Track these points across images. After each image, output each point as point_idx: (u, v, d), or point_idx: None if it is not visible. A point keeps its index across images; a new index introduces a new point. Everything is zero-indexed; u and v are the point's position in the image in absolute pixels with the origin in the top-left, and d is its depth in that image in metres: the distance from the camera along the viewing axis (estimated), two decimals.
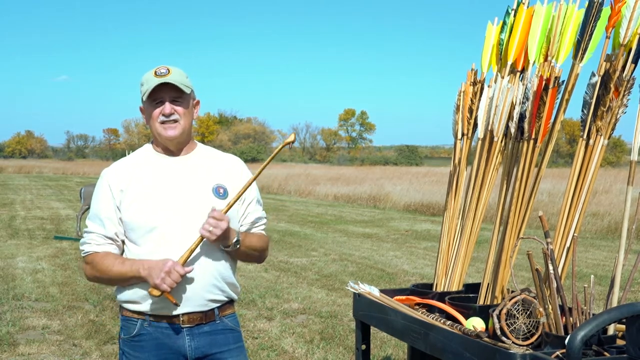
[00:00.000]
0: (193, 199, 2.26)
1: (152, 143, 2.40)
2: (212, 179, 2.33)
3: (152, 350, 2.26)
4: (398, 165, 60.58)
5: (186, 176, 2.30)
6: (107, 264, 2.23)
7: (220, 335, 2.32)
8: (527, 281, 7.29)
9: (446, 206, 3.11)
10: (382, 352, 5.22)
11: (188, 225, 2.22)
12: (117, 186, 2.26)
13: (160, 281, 2.12)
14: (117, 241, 2.28)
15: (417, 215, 17.66)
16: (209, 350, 2.30)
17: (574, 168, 2.59)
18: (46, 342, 5.43)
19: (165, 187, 2.27)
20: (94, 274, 2.30)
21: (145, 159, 2.35)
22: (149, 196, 2.25)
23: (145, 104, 2.30)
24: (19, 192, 25.98)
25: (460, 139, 3.09)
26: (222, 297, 2.33)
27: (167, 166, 2.32)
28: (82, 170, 48.15)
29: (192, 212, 2.24)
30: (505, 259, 2.68)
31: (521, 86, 2.73)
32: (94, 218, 2.29)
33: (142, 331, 2.26)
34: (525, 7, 2.87)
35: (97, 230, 2.28)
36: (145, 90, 2.25)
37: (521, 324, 2.22)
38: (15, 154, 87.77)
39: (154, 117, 2.27)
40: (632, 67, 2.48)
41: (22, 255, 9.97)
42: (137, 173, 2.29)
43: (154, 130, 2.30)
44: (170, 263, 2.13)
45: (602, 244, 11.74)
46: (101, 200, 2.29)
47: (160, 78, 2.22)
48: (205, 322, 2.29)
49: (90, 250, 2.28)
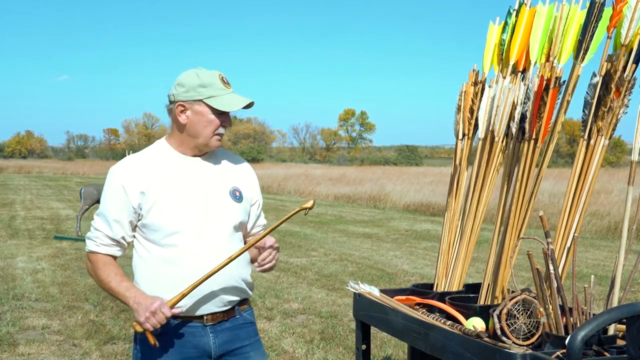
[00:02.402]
0: (213, 201, 2.26)
1: (166, 140, 2.34)
2: (228, 181, 2.33)
3: (176, 348, 2.23)
4: (398, 165, 60.61)
5: (205, 178, 2.29)
6: (106, 274, 2.21)
7: (241, 330, 2.34)
8: (528, 281, 7.29)
9: (447, 206, 3.11)
10: (382, 352, 5.22)
11: (208, 227, 2.22)
12: (135, 188, 2.19)
13: (144, 320, 2.09)
14: (122, 244, 2.26)
15: (417, 215, 17.66)
16: (231, 346, 2.31)
17: (574, 168, 2.59)
18: (46, 342, 5.43)
19: (187, 188, 2.24)
20: (92, 274, 2.29)
21: (162, 158, 2.28)
22: (172, 198, 2.21)
23: (205, 109, 2.22)
24: (19, 192, 25.98)
25: (461, 139, 3.09)
26: (240, 297, 2.35)
27: (186, 167, 2.28)
28: (82, 170, 48.15)
29: (212, 214, 2.24)
30: (505, 259, 2.68)
31: (522, 86, 2.73)
32: (102, 217, 2.24)
33: (165, 330, 2.21)
34: (528, 8, 2.87)
35: (103, 230, 2.23)
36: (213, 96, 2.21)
37: (521, 324, 2.22)
38: (15, 154, 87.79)
39: (214, 126, 2.23)
40: (633, 67, 2.48)
41: (22, 255, 9.97)
42: (157, 174, 2.23)
43: (204, 137, 2.24)
44: (157, 304, 2.09)
45: (602, 244, 11.74)
46: (111, 202, 2.22)
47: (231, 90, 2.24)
48: (227, 319, 2.31)
49: (94, 250, 2.25)
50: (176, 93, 2.25)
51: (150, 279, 2.23)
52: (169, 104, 2.29)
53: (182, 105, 2.24)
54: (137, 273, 2.27)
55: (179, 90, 2.24)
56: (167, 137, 2.35)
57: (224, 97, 2.22)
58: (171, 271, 2.19)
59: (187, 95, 2.22)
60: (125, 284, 2.19)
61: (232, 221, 2.28)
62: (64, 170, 49.27)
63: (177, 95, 2.24)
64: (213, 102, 2.21)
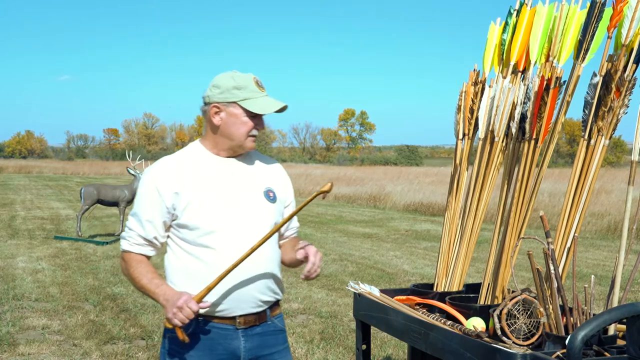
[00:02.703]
0: (247, 201, 2.27)
1: (200, 142, 2.35)
2: (262, 182, 2.34)
3: (206, 350, 2.23)
4: (398, 165, 60.62)
5: (239, 178, 2.30)
6: (138, 272, 2.23)
7: (271, 337, 2.34)
8: (528, 281, 7.29)
9: (447, 206, 3.11)
10: (382, 352, 5.22)
11: (243, 227, 2.23)
12: (169, 188, 2.21)
13: (172, 315, 2.10)
14: (155, 244, 2.28)
15: (417, 215, 17.66)
16: (260, 352, 2.30)
17: (575, 168, 2.59)
18: (46, 342, 5.43)
19: (221, 189, 2.25)
20: (125, 273, 2.31)
21: (196, 159, 2.29)
22: (206, 198, 2.22)
23: (239, 110, 2.24)
24: (19, 192, 25.98)
25: (461, 139, 3.09)
26: (273, 298, 2.34)
27: (220, 167, 2.29)
28: (82, 170, 48.14)
29: (246, 215, 2.24)
30: (505, 259, 2.68)
31: (522, 86, 2.73)
32: (136, 217, 2.26)
33: (197, 330, 2.22)
34: (528, 8, 2.87)
35: (136, 229, 2.25)
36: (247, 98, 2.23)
37: (522, 324, 2.22)
38: (15, 154, 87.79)
39: (248, 127, 2.25)
40: (633, 67, 2.48)
41: (22, 255, 9.96)
42: (191, 174, 2.24)
43: (238, 139, 2.26)
44: (184, 298, 2.09)
45: (602, 244, 11.74)
46: (145, 202, 2.24)
47: (265, 93, 2.26)
48: (258, 324, 2.30)
49: (127, 249, 2.27)
50: (211, 94, 2.27)
51: (183, 278, 2.23)
52: (204, 105, 2.31)
53: (217, 107, 2.26)
54: (170, 273, 2.28)
55: (214, 92, 2.26)
56: (201, 139, 2.36)
57: (258, 99, 2.25)
58: (205, 270, 2.19)
59: (221, 97, 2.25)
60: (156, 281, 2.20)
61: (266, 221, 2.28)
62: (64, 170, 49.27)
63: (212, 97, 2.26)
64: (247, 104, 2.23)
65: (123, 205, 12.08)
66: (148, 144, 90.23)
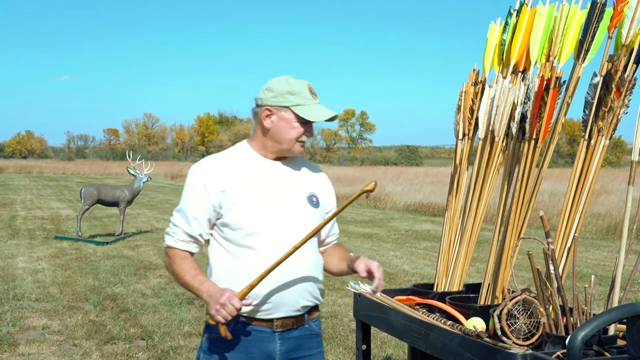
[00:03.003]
0: (291, 204, 2.28)
1: (248, 142, 2.37)
2: (306, 186, 2.35)
3: (243, 351, 2.25)
4: (398, 165, 60.61)
5: (284, 181, 2.31)
6: (182, 268, 2.24)
7: (306, 340, 2.35)
8: (528, 281, 7.29)
9: (447, 206, 3.11)
10: (382, 352, 5.22)
11: (286, 230, 2.24)
12: (216, 186, 2.22)
13: (214, 312, 2.11)
14: (199, 241, 2.29)
15: (418, 215, 17.66)
16: (294, 355, 2.31)
17: (575, 168, 2.59)
18: (46, 342, 5.43)
19: (266, 190, 2.26)
20: (169, 269, 2.33)
21: (243, 157, 2.31)
22: (252, 199, 2.23)
23: (290, 115, 2.26)
24: (19, 192, 25.98)
25: (461, 139, 3.09)
26: (312, 303, 2.35)
27: (266, 169, 2.30)
28: (82, 171, 48.13)
29: (290, 218, 2.26)
30: (505, 259, 2.68)
31: (522, 86, 2.73)
32: (182, 214, 2.28)
33: (235, 332, 2.23)
34: (528, 8, 2.87)
35: (182, 226, 2.27)
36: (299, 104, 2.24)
37: (522, 324, 2.22)
38: (15, 154, 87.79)
39: (298, 133, 2.26)
40: (633, 67, 2.48)
41: (23, 255, 9.96)
42: (237, 174, 2.26)
43: (287, 143, 2.27)
44: (227, 295, 2.09)
45: (602, 244, 11.74)
46: (192, 199, 2.26)
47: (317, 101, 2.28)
48: (296, 327, 2.31)
49: (172, 245, 2.29)
50: (264, 97, 2.28)
51: (224, 277, 2.24)
52: (256, 107, 2.32)
53: (269, 110, 2.27)
54: (212, 271, 2.29)
55: (267, 95, 2.28)
56: (248, 140, 2.37)
57: (310, 106, 2.26)
58: (246, 271, 2.20)
59: (274, 101, 2.26)
60: (200, 277, 2.21)
61: (309, 225, 2.27)
62: (64, 171, 49.26)
63: (264, 100, 2.28)
64: (299, 110, 2.25)
65: (123, 205, 12.07)
66: (148, 144, 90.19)
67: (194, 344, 5.43)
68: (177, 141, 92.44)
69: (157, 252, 10.39)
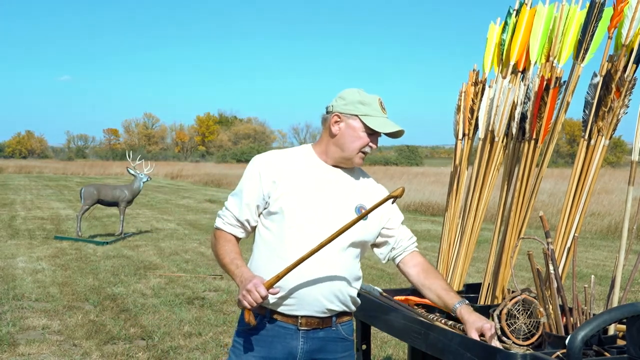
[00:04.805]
0: (337, 211, 2.30)
1: (312, 146, 2.42)
2: (357, 198, 2.37)
3: (266, 346, 2.30)
4: (398, 165, 60.62)
5: (336, 187, 2.34)
6: (224, 250, 2.33)
7: (331, 343, 2.35)
8: (528, 281, 7.29)
9: (447, 206, 3.11)
10: (382, 352, 5.22)
11: (323, 234, 2.24)
12: (269, 176, 2.30)
13: (241, 297, 2.17)
14: (246, 227, 2.36)
15: (417, 215, 17.66)
16: (316, 355, 2.33)
17: (575, 168, 2.59)
18: (46, 342, 5.42)
19: (315, 191, 2.30)
20: (213, 249, 2.41)
21: (302, 157, 2.38)
22: (298, 195, 2.28)
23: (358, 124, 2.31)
24: (19, 192, 25.97)
25: (461, 139, 3.09)
26: (340, 308, 2.35)
27: (322, 173, 2.35)
28: (82, 171, 48.11)
29: (331, 223, 2.26)
30: (505, 259, 2.68)
31: (522, 86, 2.73)
32: (236, 198, 2.36)
33: (260, 326, 2.29)
34: (528, 8, 2.87)
35: (233, 210, 2.35)
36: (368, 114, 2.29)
37: (522, 324, 2.22)
38: (15, 154, 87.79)
39: (361, 144, 2.31)
40: (633, 67, 2.48)
41: (22, 255, 9.96)
42: (292, 168, 2.33)
43: (349, 152, 2.32)
44: (254, 282, 2.15)
45: (602, 244, 11.74)
46: (246, 185, 2.34)
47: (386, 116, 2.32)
48: (322, 328, 2.33)
49: (220, 227, 2.38)
50: (335, 105, 2.35)
51: (257, 267, 2.31)
52: (326, 114, 2.39)
53: (338, 116, 2.34)
54: (252, 258, 2.36)
55: (339, 103, 2.34)
56: (313, 144, 2.43)
57: (379, 118, 2.31)
58: (279, 264, 2.23)
59: (345, 108, 2.32)
60: (238, 262, 2.28)
61: (350, 236, 2.28)
62: (64, 171, 49.25)
63: (335, 107, 2.35)
64: (368, 120, 2.30)
65: (123, 205, 12.07)
66: (148, 144, 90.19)
67: (194, 344, 5.43)
68: (177, 141, 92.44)
69: (157, 252, 10.39)
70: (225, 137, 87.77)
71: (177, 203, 21.18)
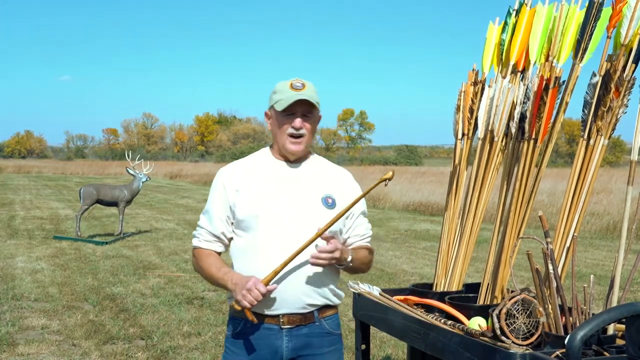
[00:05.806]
0: (302, 205, 2.32)
1: (270, 147, 2.47)
2: (322, 188, 2.39)
3: (252, 348, 2.34)
4: (398, 165, 60.61)
5: (298, 182, 2.37)
6: (207, 264, 2.36)
7: (316, 338, 2.37)
8: (527, 281, 7.29)
9: (446, 206, 3.11)
10: (381, 352, 5.22)
11: (295, 230, 2.28)
12: (232, 186, 2.35)
13: (241, 297, 2.20)
14: (223, 240, 2.40)
15: (417, 215, 17.66)
16: (301, 352, 2.36)
17: (574, 168, 2.59)
18: (45, 342, 5.42)
19: (278, 191, 2.34)
20: (196, 267, 2.45)
21: (261, 162, 2.42)
22: (263, 198, 2.32)
23: (275, 113, 2.35)
24: (18, 192, 25.95)
25: (460, 139, 3.09)
26: (321, 302, 2.37)
27: (282, 172, 2.39)
28: (81, 171, 48.10)
29: (299, 218, 2.30)
30: (505, 258, 2.68)
31: (522, 86, 2.73)
32: (206, 214, 2.41)
33: (245, 330, 2.35)
34: (528, 8, 2.87)
35: (206, 226, 2.40)
36: (278, 100, 2.31)
37: (521, 324, 2.22)
38: (14, 154, 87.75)
39: (284, 129, 2.34)
40: (632, 67, 2.48)
41: (22, 255, 9.96)
42: (253, 175, 2.37)
43: (280, 141, 2.36)
44: (252, 281, 2.19)
45: (601, 244, 11.74)
46: (214, 199, 2.39)
47: (297, 92, 2.29)
48: (305, 324, 2.35)
49: (197, 245, 2.42)
50: None
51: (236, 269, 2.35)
52: None
53: (266, 114, 2.44)
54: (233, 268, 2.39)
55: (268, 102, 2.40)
56: (270, 145, 2.49)
57: (286, 100, 2.31)
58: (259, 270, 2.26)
59: (268, 105, 2.40)
60: (224, 269, 2.33)
61: (321, 226, 2.28)
62: (64, 170, 49.22)
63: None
64: (278, 105, 2.33)
65: (122, 205, 12.07)
66: (147, 144, 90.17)
67: (193, 344, 5.43)
68: (176, 141, 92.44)
69: (156, 252, 10.39)
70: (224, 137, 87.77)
71: (176, 203, 21.18)
